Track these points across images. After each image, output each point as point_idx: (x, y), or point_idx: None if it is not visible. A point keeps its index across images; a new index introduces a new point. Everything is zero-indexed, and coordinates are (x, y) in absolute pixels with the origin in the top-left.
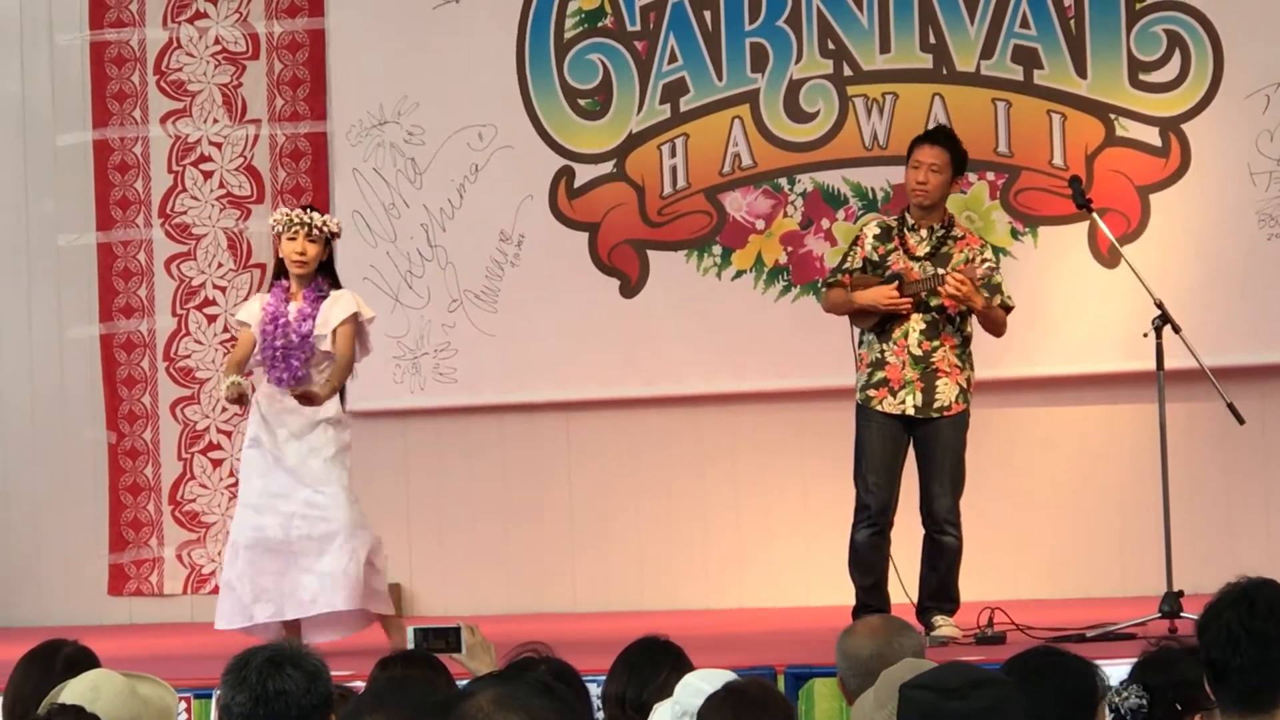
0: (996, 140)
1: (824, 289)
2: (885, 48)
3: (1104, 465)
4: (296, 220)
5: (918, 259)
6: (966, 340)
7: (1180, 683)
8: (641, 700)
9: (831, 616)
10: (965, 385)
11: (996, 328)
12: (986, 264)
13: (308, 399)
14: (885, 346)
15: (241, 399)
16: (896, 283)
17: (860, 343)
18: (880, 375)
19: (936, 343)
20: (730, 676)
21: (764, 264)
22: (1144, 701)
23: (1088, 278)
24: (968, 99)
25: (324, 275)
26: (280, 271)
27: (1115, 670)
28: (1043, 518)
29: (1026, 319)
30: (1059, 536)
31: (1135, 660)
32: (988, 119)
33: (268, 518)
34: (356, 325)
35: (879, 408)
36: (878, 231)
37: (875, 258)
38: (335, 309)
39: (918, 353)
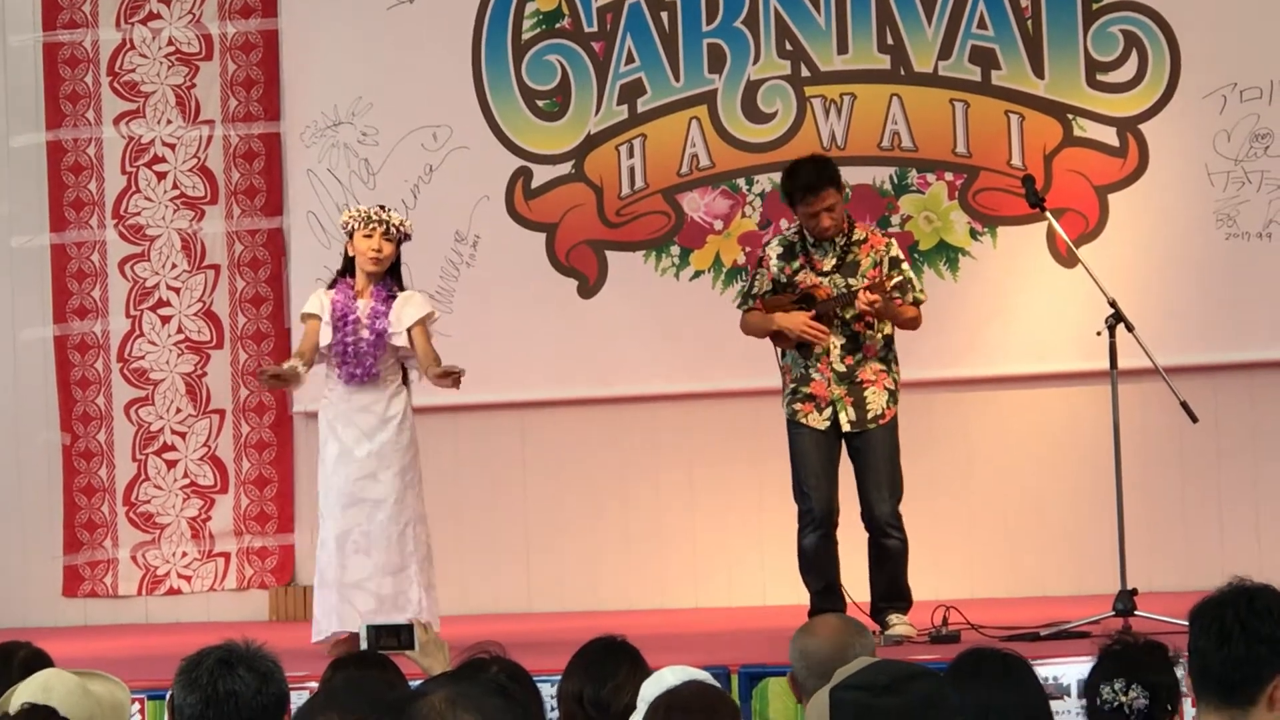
0: (955, 140)
1: (742, 311)
2: (843, 48)
3: (1059, 464)
4: (375, 218)
5: (825, 273)
6: (888, 342)
7: (1164, 680)
8: (599, 697)
9: (786, 616)
10: (893, 388)
11: (912, 325)
12: (896, 264)
13: (450, 376)
14: (809, 364)
15: (281, 381)
16: (813, 311)
17: (783, 355)
18: (805, 391)
19: (859, 355)
20: (701, 675)
21: (722, 264)
22: (1148, 700)
23: (1046, 277)
24: (926, 99)
25: (391, 276)
26: (345, 269)
27: (1071, 669)
28: (997, 516)
29: (985, 318)
30: (1013, 535)
31: (1103, 657)
32: (946, 119)
33: (357, 517)
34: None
35: (805, 422)
36: (780, 250)
37: (783, 278)
38: (408, 309)
39: (841, 369)
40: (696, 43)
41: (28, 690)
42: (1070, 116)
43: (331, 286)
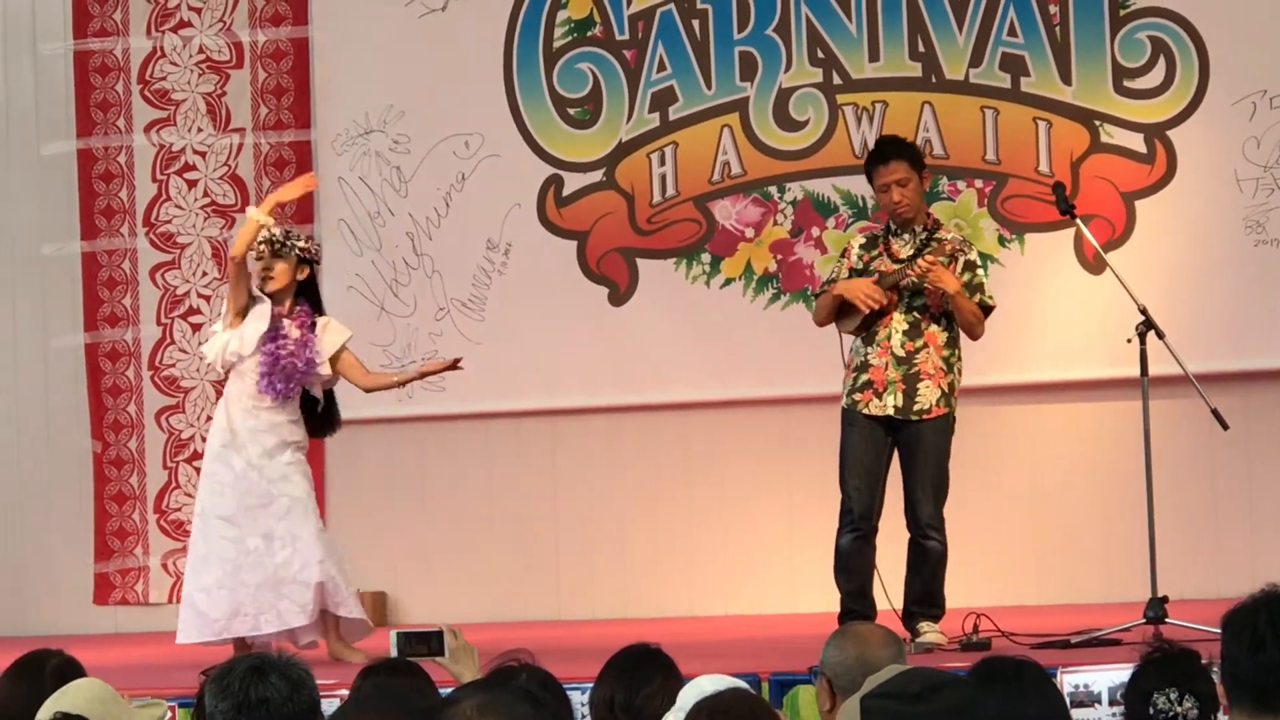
0: (984, 148)
1: (814, 300)
2: (874, 56)
3: (1089, 471)
4: (263, 238)
5: (900, 262)
6: (953, 342)
7: (1207, 688)
8: (633, 705)
9: (817, 623)
10: (948, 390)
11: (972, 327)
12: (970, 267)
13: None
14: (869, 350)
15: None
16: (875, 277)
17: (850, 349)
18: (864, 378)
19: (920, 343)
20: (737, 683)
21: (753, 272)
22: (1199, 710)
23: (1074, 284)
24: (956, 107)
25: (307, 299)
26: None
27: (1101, 676)
28: (1028, 524)
29: (1013, 325)
30: (1044, 542)
31: (1146, 664)
32: (976, 127)
33: (247, 534)
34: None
35: (864, 410)
36: (863, 241)
37: (860, 266)
38: (326, 337)
39: (900, 354)
40: (728, 50)
41: (60, 698)
42: (1097, 123)
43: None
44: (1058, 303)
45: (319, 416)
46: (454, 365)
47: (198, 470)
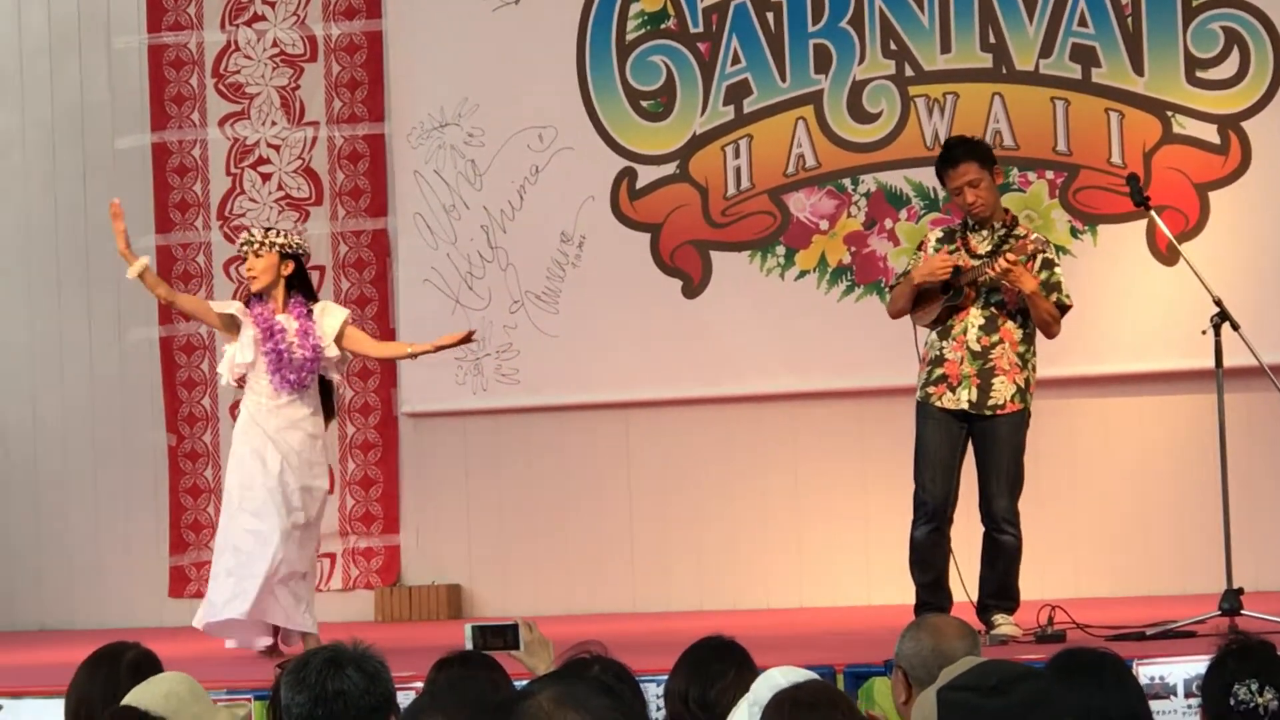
0: (1055, 139)
1: (889, 293)
2: (946, 48)
3: (1163, 463)
4: (245, 240)
5: (978, 257)
6: (1029, 338)
7: None
8: (707, 698)
9: (892, 615)
10: (1024, 385)
11: (1048, 326)
12: (1048, 265)
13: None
14: (945, 344)
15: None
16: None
17: (925, 342)
18: (939, 372)
19: (996, 338)
20: (810, 675)
21: (827, 264)
22: (1279, 701)
23: (1147, 275)
24: (1027, 98)
25: (300, 292)
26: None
27: (1177, 668)
28: (1103, 516)
29: (1086, 317)
30: (1119, 535)
31: (1226, 656)
32: (1047, 118)
33: (266, 524)
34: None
35: (938, 404)
36: (940, 235)
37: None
38: (326, 319)
39: (976, 348)
40: (802, 43)
41: (143, 690)
42: (1170, 114)
43: (247, 303)
44: (1131, 294)
45: (326, 402)
46: (468, 338)
47: None
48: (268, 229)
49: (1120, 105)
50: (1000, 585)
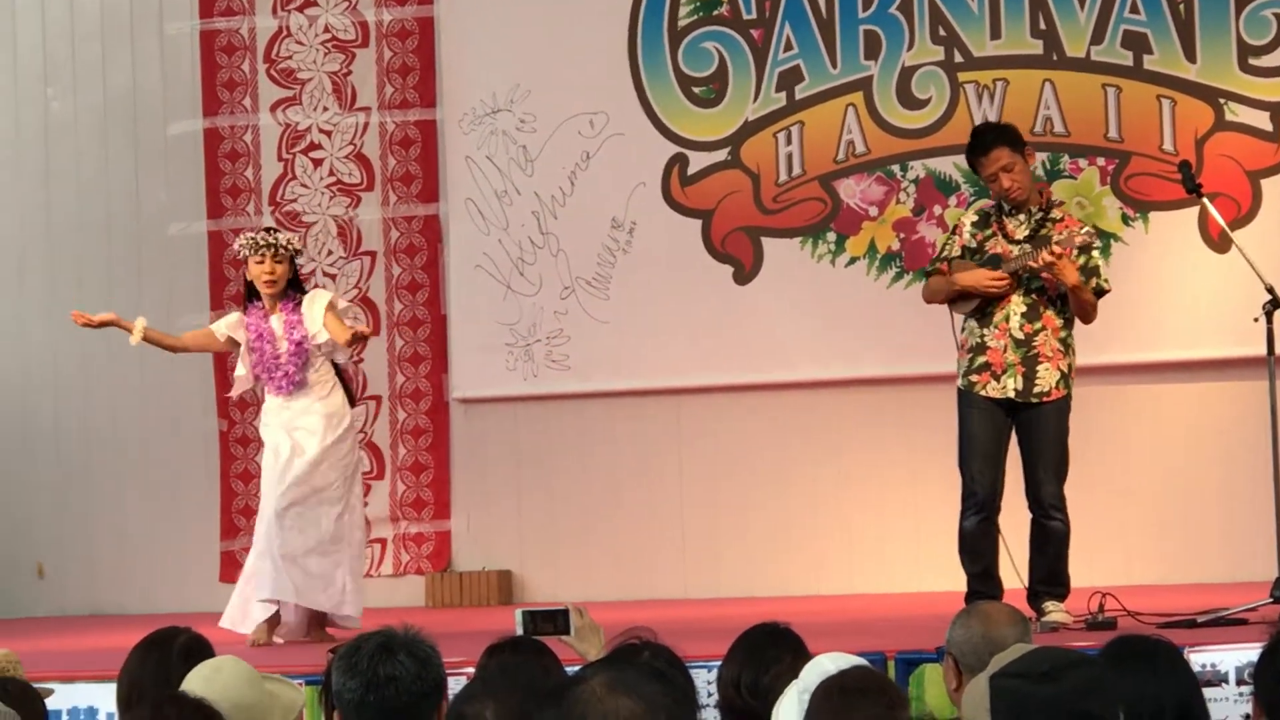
0: (1107, 126)
1: (925, 278)
2: (996, 34)
3: (1214, 450)
4: (263, 243)
5: (1016, 242)
6: (1069, 324)
7: None
8: (760, 685)
9: (942, 602)
10: (1066, 371)
11: (1086, 314)
12: (1086, 249)
13: (358, 340)
14: (986, 331)
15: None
16: (997, 267)
17: (961, 329)
18: (982, 360)
19: (1038, 325)
20: (859, 661)
21: (877, 250)
22: None
23: (1198, 262)
24: (1078, 84)
25: (293, 289)
26: (252, 294)
27: (1229, 655)
28: (1154, 503)
29: (1137, 304)
30: (1170, 522)
31: (1275, 643)
32: (1098, 104)
33: (296, 496)
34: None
35: (982, 392)
36: (975, 219)
37: (973, 244)
38: (314, 307)
39: (1019, 336)
40: (853, 29)
41: (199, 673)
42: (1222, 101)
43: (244, 310)
44: (1182, 281)
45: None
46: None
47: None
48: (276, 232)
49: (1172, 92)
50: (1050, 571)
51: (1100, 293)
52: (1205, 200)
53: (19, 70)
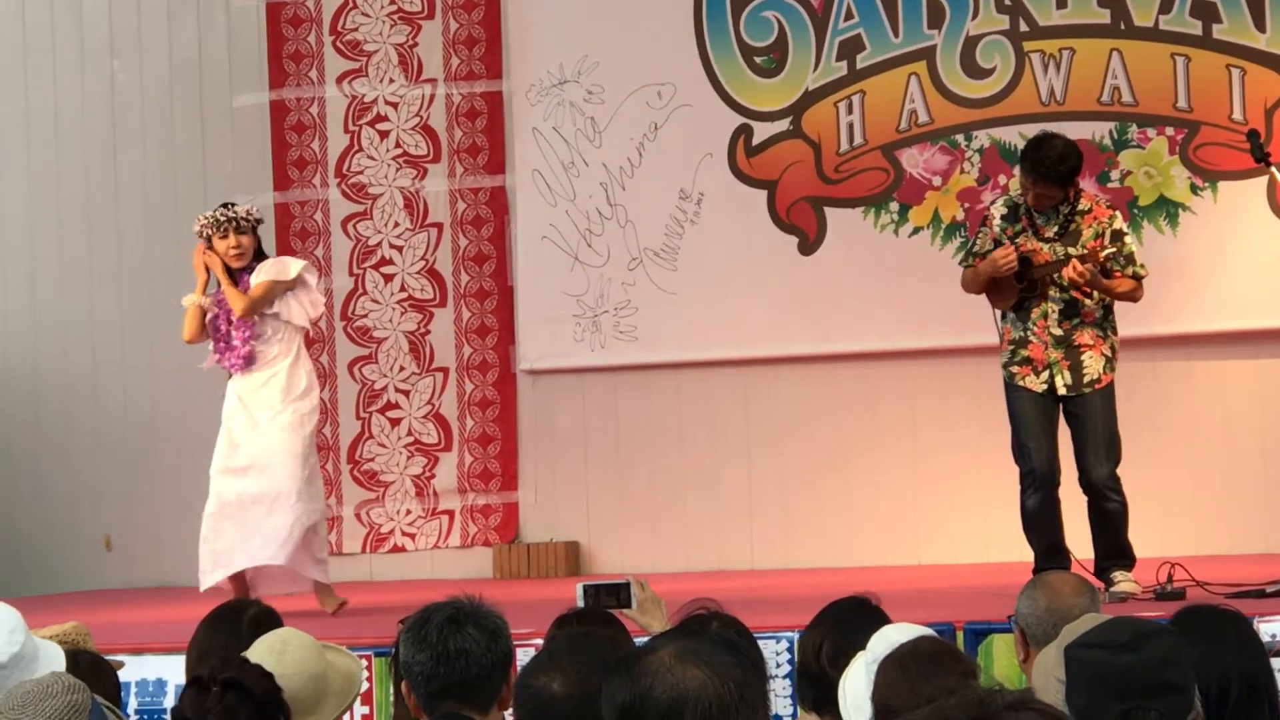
0: (1175, 95)
1: (963, 269)
2: (1062, 3)
3: None
4: (223, 219)
5: (1047, 240)
6: (1106, 310)
7: None
8: (840, 655)
9: (1010, 572)
10: (1110, 354)
11: (1130, 299)
12: (1118, 237)
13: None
14: (1027, 326)
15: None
16: (1023, 260)
17: (1003, 319)
18: (1024, 354)
19: (1076, 320)
20: (926, 632)
21: (941, 220)
22: None
23: (1267, 232)
24: (1146, 54)
25: (258, 261)
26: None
27: None
28: (1221, 473)
29: (1205, 273)
30: (1237, 492)
31: None
32: (1166, 74)
33: (227, 483)
34: (275, 284)
35: (1023, 384)
36: (1004, 211)
37: (1004, 239)
38: (258, 276)
39: (1058, 333)
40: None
41: (265, 644)
42: None
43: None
44: (1251, 251)
45: None
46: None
47: (392, 421)
48: (231, 205)
49: (1241, 61)
50: (1113, 546)
51: (1138, 278)
52: (1274, 169)
53: (85, 41)
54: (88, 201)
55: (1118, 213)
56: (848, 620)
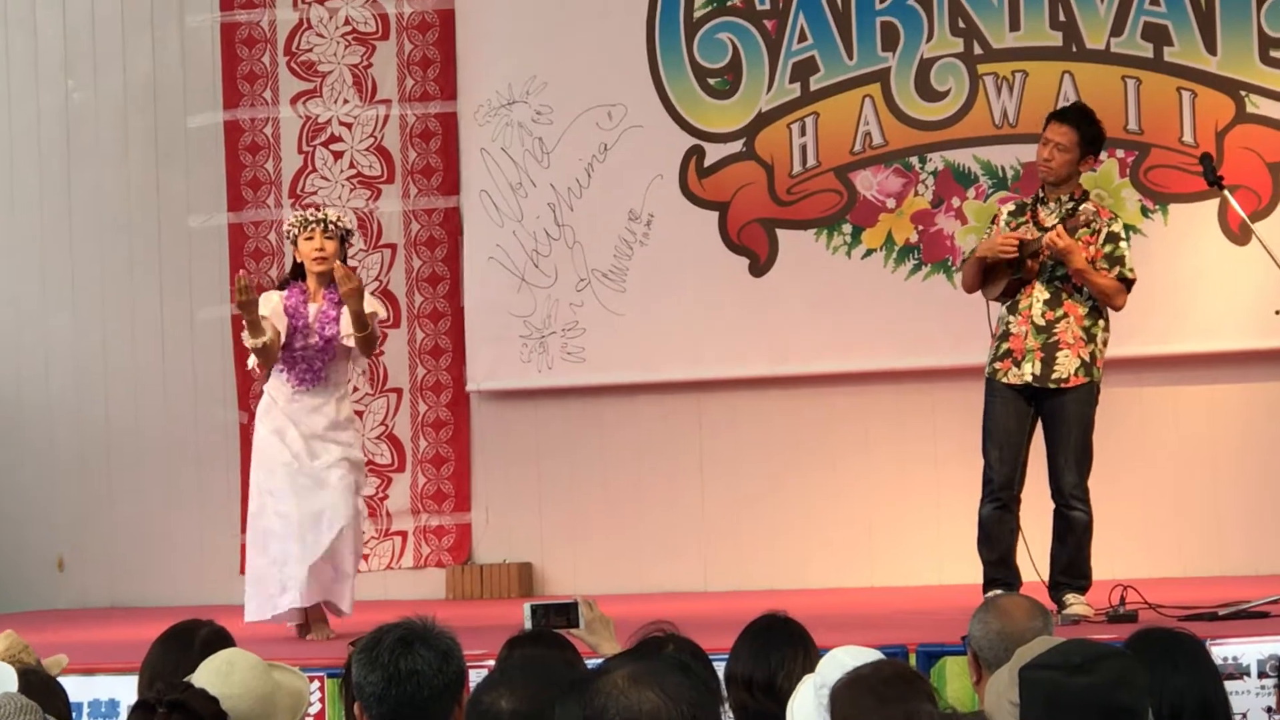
0: (1126, 118)
1: (962, 268)
2: (1015, 25)
3: (1234, 443)
4: (312, 219)
5: (1046, 229)
6: (1096, 312)
7: None
8: (772, 683)
9: (963, 595)
10: (1089, 359)
11: (1109, 298)
12: (1113, 239)
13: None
14: (1012, 319)
15: (249, 307)
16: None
17: (997, 319)
18: (1005, 347)
19: (1060, 312)
20: (876, 655)
21: (894, 243)
22: None
23: (1218, 255)
24: (1098, 76)
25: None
26: (296, 273)
27: (1250, 648)
28: (1174, 496)
29: (1157, 297)
30: (1190, 515)
31: None
32: (1118, 96)
33: (289, 506)
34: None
35: (1003, 379)
36: (1012, 208)
37: (1008, 230)
38: (368, 306)
39: (1040, 322)
40: (870, 21)
41: (210, 667)
42: (1243, 93)
43: (282, 288)
44: (1202, 274)
45: None
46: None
47: None
48: (318, 207)
49: (1193, 84)
50: (1071, 562)
51: (1125, 281)
52: (1226, 192)
53: (40, 60)
54: (42, 219)
55: (1119, 218)
56: (771, 644)
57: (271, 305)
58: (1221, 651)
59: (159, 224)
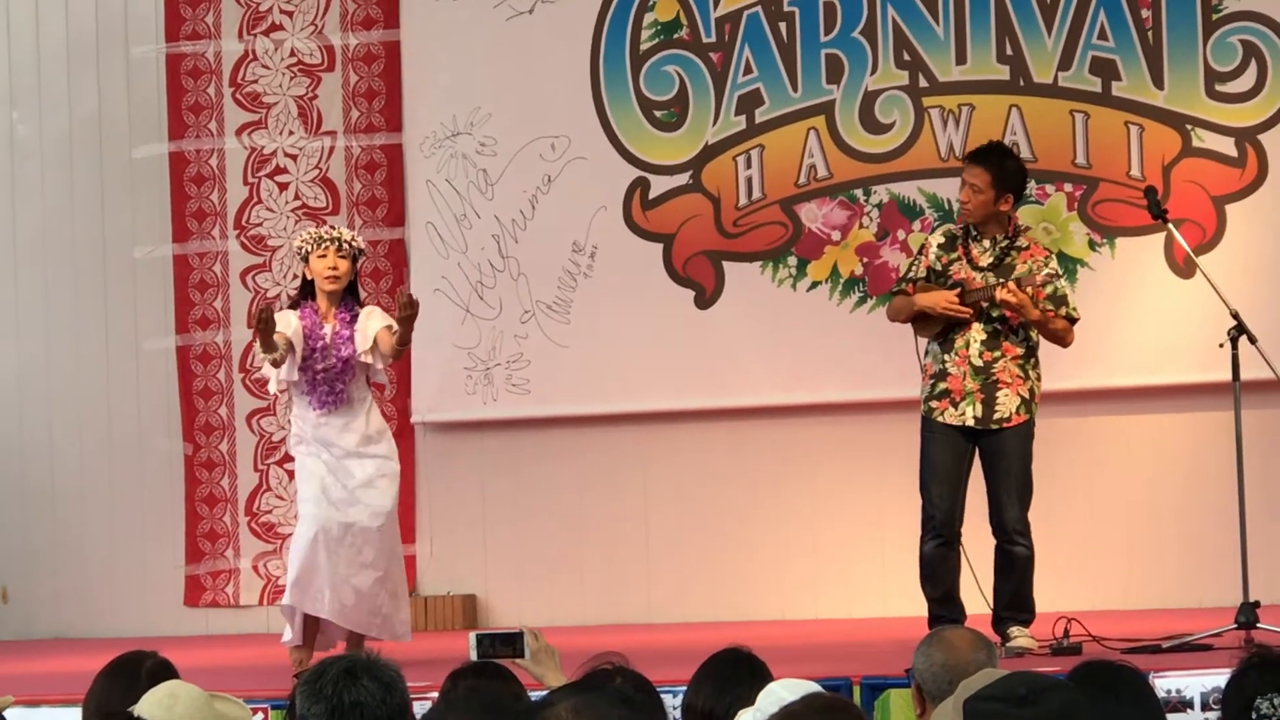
0: (1074, 151)
1: (890, 297)
2: (961, 59)
3: (1179, 476)
4: (326, 236)
5: (980, 269)
6: (1031, 350)
7: None
8: (724, 714)
9: (907, 627)
10: (1028, 396)
11: (1059, 339)
12: (1046, 273)
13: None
14: (947, 357)
15: (266, 331)
16: (958, 290)
17: (925, 353)
18: (942, 386)
19: (998, 353)
20: (814, 688)
21: (839, 275)
22: None
23: (1164, 288)
24: (1045, 110)
25: (350, 295)
26: (305, 293)
27: (1193, 681)
28: (1118, 528)
29: (1102, 329)
30: (1134, 547)
31: (1248, 669)
32: (1065, 130)
33: (331, 515)
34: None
35: (940, 419)
36: (942, 240)
37: (939, 266)
38: (370, 321)
39: (978, 363)
40: (814, 53)
41: (154, 699)
42: (1189, 127)
43: (293, 307)
44: (1148, 307)
45: None
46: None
47: (289, 473)
48: (332, 226)
49: (1139, 118)
50: (1014, 596)
51: (1072, 320)
52: (1171, 226)
53: None
54: None
55: (1054, 256)
56: (729, 677)
57: (293, 328)
58: (1165, 684)
59: (104, 255)
